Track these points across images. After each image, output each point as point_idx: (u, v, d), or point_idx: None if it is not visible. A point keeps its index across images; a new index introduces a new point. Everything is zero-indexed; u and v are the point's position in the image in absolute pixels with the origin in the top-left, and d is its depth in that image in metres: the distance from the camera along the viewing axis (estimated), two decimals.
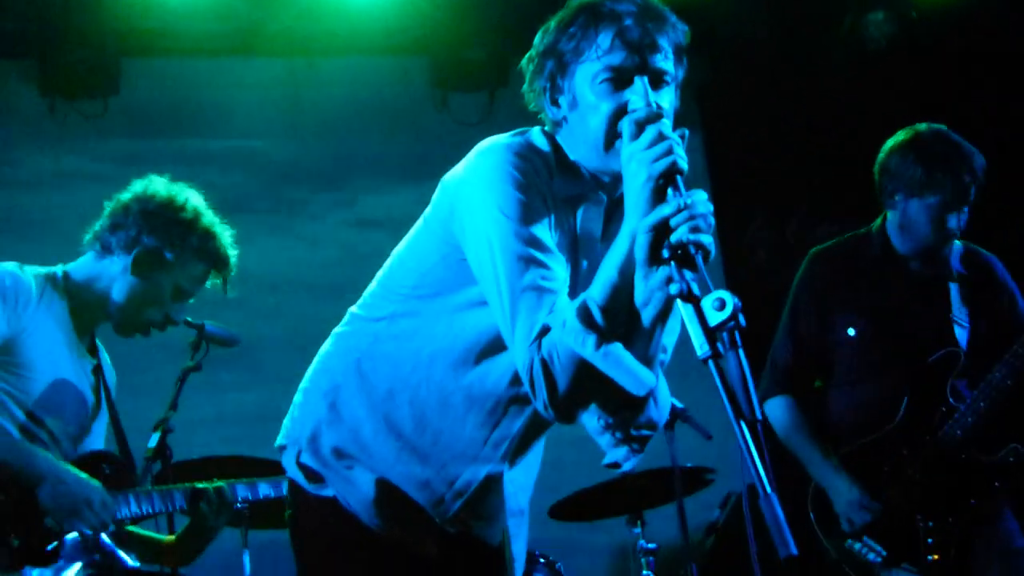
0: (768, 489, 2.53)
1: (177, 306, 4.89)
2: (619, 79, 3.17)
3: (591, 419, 3.29)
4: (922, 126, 5.18)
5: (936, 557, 4.92)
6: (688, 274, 2.77)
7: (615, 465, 3.34)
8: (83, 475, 4.54)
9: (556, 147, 3.31)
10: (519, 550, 3.71)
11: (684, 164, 2.93)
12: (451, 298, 3.35)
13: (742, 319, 2.65)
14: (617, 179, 3.23)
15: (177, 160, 8.65)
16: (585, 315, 2.99)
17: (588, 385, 3.07)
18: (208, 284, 4.95)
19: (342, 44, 8.67)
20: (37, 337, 4.58)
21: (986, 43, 8.59)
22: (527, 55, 3.36)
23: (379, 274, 3.55)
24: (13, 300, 4.53)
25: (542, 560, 6.36)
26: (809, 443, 5.18)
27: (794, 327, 5.31)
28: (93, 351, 4.90)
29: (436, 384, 3.41)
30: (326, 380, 3.53)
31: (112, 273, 4.78)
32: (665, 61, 3.21)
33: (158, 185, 4.89)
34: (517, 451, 3.53)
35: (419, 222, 3.45)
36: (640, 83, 3.15)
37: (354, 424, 3.46)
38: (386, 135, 9.00)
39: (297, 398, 3.60)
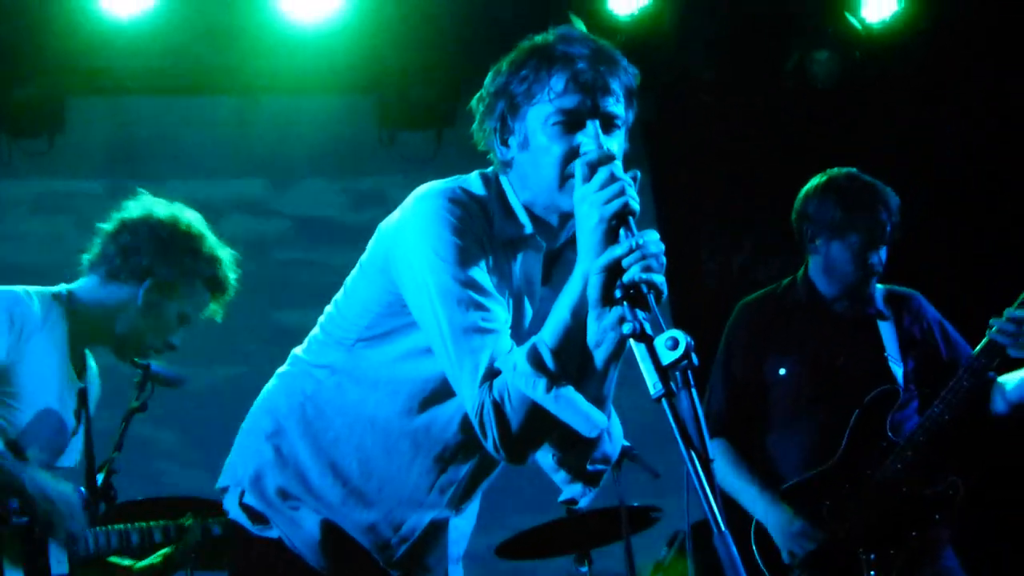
0: (722, 526, 2.56)
1: (179, 332, 4.86)
2: (571, 122, 3.19)
3: (545, 456, 3.31)
4: (834, 170, 5.30)
5: None
6: (641, 314, 2.80)
7: (572, 502, 3.35)
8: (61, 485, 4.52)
9: (499, 191, 3.33)
10: None
11: (636, 205, 2.97)
12: (395, 346, 3.35)
13: (695, 358, 2.68)
14: (563, 223, 3.28)
15: (123, 198, 8.65)
16: (536, 359, 3.01)
17: (540, 426, 3.08)
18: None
19: (289, 82, 8.65)
20: (34, 366, 4.51)
21: (930, 80, 8.69)
22: (477, 95, 3.36)
23: (321, 319, 3.55)
24: (18, 329, 4.46)
25: None
26: (746, 481, 5.22)
27: (727, 372, 5.37)
28: (82, 372, 4.83)
29: (381, 431, 3.40)
30: (269, 422, 3.51)
31: (119, 299, 4.73)
32: (616, 105, 3.23)
33: (161, 208, 4.86)
34: (463, 497, 3.54)
35: (355, 269, 3.45)
36: (592, 126, 3.17)
37: (299, 468, 3.44)
38: (334, 173, 9.00)
39: (239, 439, 3.58)
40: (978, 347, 4.97)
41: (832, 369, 5.23)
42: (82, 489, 4.66)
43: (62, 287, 4.76)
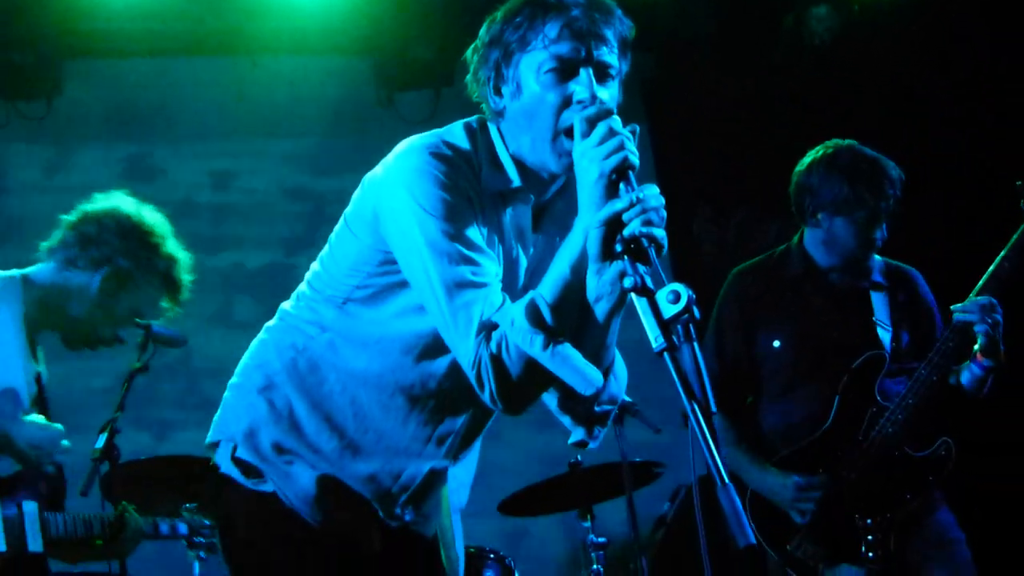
0: (726, 478, 2.56)
1: (129, 326, 4.89)
2: (564, 69, 3.19)
3: (551, 399, 3.32)
4: (835, 143, 5.25)
5: (876, 553, 4.97)
6: (641, 267, 2.81)
7: (582, 443, 3.35)
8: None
9: (487, 142, 3.33)
10: (460, 548, 3.73)
11: (635, 159, 2.98)
12: (387, 305, 3.36)
13: (696, 311, 2.69)
14: (553, 175, 3.28)
15: (121, 160, 8.65)
16: (534, 314, 3.02)
17: (538, 379, 3.10)
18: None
19: (286, 43, 8.63)
20: None
21: (929, 35, 8.66)
22: (472, 46, 3.37)
23: (308, 275, 3.55)
24: None
25: (492, 556, 6.36)
26: (739, 452, 5.23)
27: (720, 343, 5.37)
28: (35, 356, 4.86)
29: (375, 387, 3.42)
30: (260, 376, 3.51)
31: (74, 287, 4.76)
32: (610, 54, 3.23)
33: (128, 204, 4.88)
34: (461, 447, 3.55)
35: (339, 224, 3.45)
36: (585, 74, 3.17)
37: (294, 421, 3.44)
38: (331, 134, 9.00)
39: (227, 394, 3.58)
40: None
41: (825, 340, 5.23)
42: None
43: (16, 271, 4.78)
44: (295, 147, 9.02)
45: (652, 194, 2.92)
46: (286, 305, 3.59)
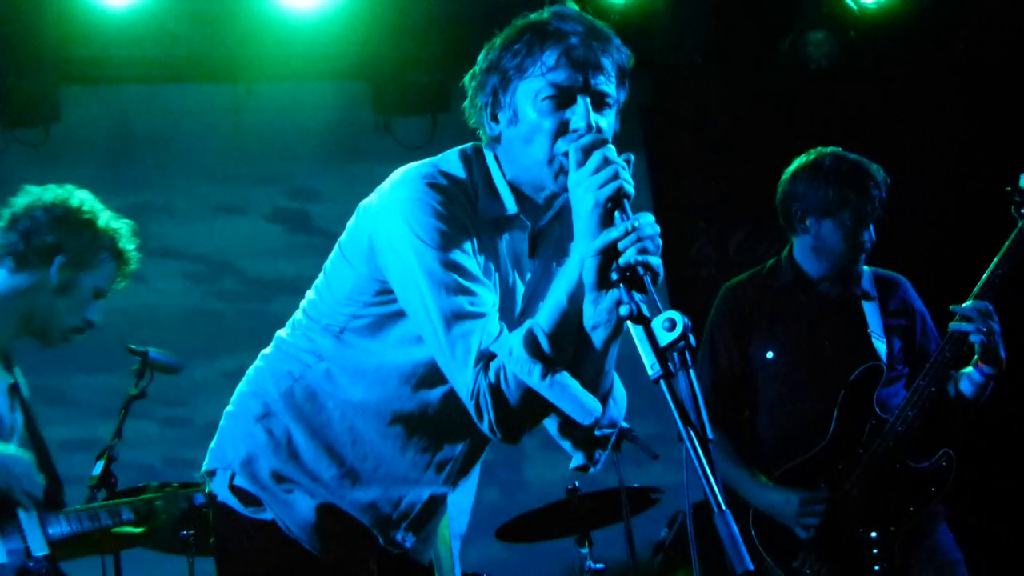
0: (723, 505, 2.57)
1: (95, 308, 4.85)
2: (561, 97, 3.20)
3: (552, 424, 3.31)
4: (817, 150, 5.29)
5: (882, 566, 4.96)
6: (637, 296, 2.83)
7: (583, 468, 3.35)
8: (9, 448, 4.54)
9: (483, 168, 3.33)
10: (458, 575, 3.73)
11: (631, 188, 3.00)
12: (384, 335, 3.37)
13: (692, 339, 2.70)
14: (549, 201, 3.30)
15: (120, 187, 8.65)
16: (532, 344, 3.03)
17: (536, 409, 3.11)
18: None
19: (283, 70, 8.65)
20: None
21: (926, 59, 8.69)
22: (470, 72, 3.37)
23: (303, 303, 3.55)
24: None
25: None
26: (737, 468, 5.21)
27: (714, 358, 5.36)
28: (8, 368, 4.83)
29: (373, 415, 3.42)
30: (257, 404, 3.51)
31: (32, 283, 4.72)
32: (608, 83, 3.24)
33: (51, 192, 4.85)
34: (460, 473, 3.56)
35: (335, 251, 3.45)
36: (582, 103, 3.18)
37: (293, 450, 3.45)
38: (329, 161, 9.00)
39: (224, 422, 3.59)
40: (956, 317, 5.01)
41: (818, 351, 5.23)
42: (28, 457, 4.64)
43: None
44: (292, 172, 9.02)
45: (647, 222, 2.93)
46: (282, 333, 3.59)
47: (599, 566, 6.16)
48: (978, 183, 8.33)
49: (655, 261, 2.87)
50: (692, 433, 2.63)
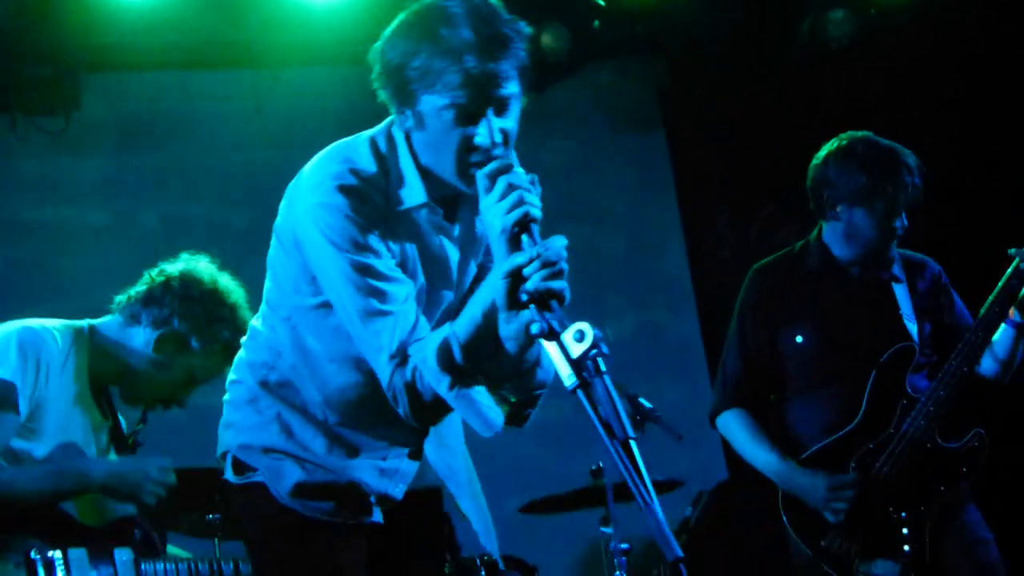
0: (648, 499, 2.67)
1: (185, 392, 4.89)
2: (464, 113, 3.27)
3: (483, 393, 3.43)
4: (851, 134, 5.23)
5: (912, 547, 4.96)
6: (548, 314, 2.95)
7: (514, 423, 3.50)
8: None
9: (394, 156, 3.45)
10: (472, 507, 3.87)
11: (536, 212, 3.14)
12: (329, 322, 3.51)
13: (604, 347, 2.80)
14: (463, 191, 3.41)
15: (140, 174, 8.68)
16: (445, 354, 3.23)
17: (447, 407, 3.33)
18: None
19: (305, 54, 8.67)
20: (58, 404, 4.54)
21: (947, 39, 8.65)
22: (372, 51, 3.45)
23: (264, 292, 3.71)
24: (44, 370, 4.48)
25: (515, 562, 6.39)
26: (765, 451, 5.20)
27: (743, 341, 5.34)
28: (110, 409, 4.88)
29: (341, 398, 3.60)
30: (243, 390, 3.71)
31: (135, 344, 4.76)
32: (510, 85, 3.30)
33: (204, 270, 4.86)
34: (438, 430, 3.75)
35: (273, 237, 3.61)
36: (485, 122, 3.28)
37: (283, 427, 3.65)
38: None
39: (224, 409, 3.77)
40: (991, 295, 5.00)
41: (849, 334, 5.20)
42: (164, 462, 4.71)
43: (85, 322, 4.79)
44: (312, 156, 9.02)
45: (555, 247, 3.04)
46: (255, 321, 3.77)
47: (624, 546, 6.17)
48: (1007, 159, 8.33)
49: (558, 286, 2.98)
50: (616, 443, 2.71)
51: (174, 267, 4.87)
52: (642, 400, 5.88)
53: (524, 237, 3.08)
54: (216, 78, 8.94)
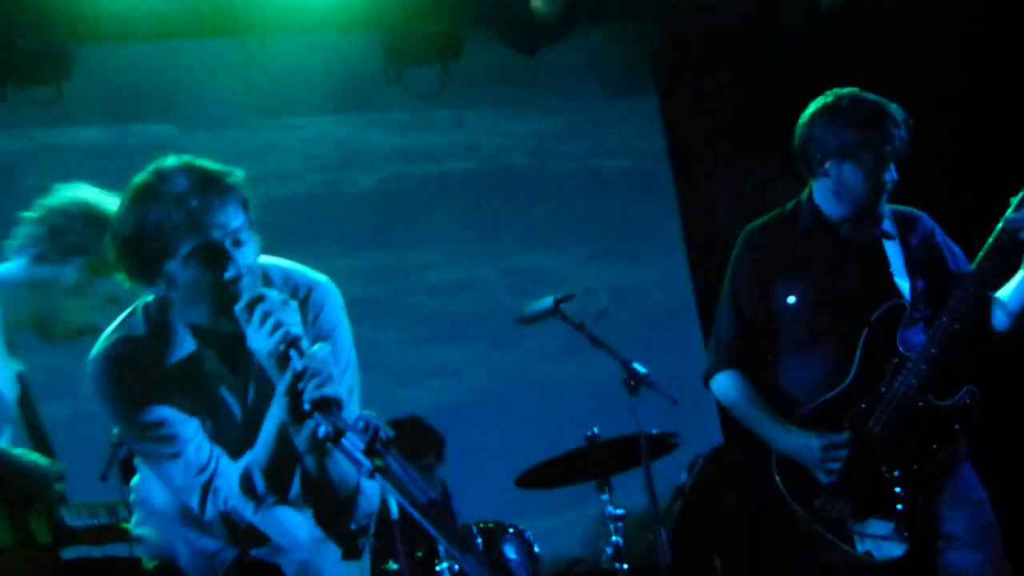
0: (456, 554, 3.06)
1: (105, 313, 4.85)
2: (204, 254, 3.47)
3: (287, 511, 3.76)
4: (835, 91, 5.22)
5: (905, 506, 4.97)
6: (331, 417, 3.20)
7: (354, 557, 3.86)
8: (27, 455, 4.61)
9: (164, 319, 3.72)
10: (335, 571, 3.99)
11: (296, 330, 3.39)
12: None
13: (384, 430, 3.11)
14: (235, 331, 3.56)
15: (132, 143, 8.66)
16: (247, 482, 3.56)
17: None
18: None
19: (293, 21, 8.62)
20: None
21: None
22: (108, 238, 3.66)
23: None
24: None
25: (511, 530, 6.40)
26: (759, 412, 5.20)
27: (735, 302, 5.33)
28: (17, 355, 4.84)
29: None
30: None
31: (47, 280, 4.74)
32: (236, 218, 3.53)
33: (90, 193, 4.83)
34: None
35: None
36: (226, 255, 3.48)
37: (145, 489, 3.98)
38: (341, 112, 8.98)
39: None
40: (982, 250, 4.99)
41: (841, 293, 5.20)
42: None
43: None
44: (305, 125, 9.01)
45: (320, 357, 3.31)
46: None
47: (620, 512, 6.18)
48: (1004, 118, 8.31)
49: (330, 391, 3.24)
50: (420, 505, 3.01)
51: (61, 198, 4.82)
52: (636, 365, 5.86)
53: (292, 352, 3.32)
54: (205, 47, 8.92)
